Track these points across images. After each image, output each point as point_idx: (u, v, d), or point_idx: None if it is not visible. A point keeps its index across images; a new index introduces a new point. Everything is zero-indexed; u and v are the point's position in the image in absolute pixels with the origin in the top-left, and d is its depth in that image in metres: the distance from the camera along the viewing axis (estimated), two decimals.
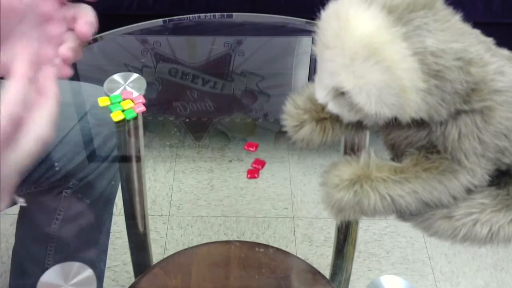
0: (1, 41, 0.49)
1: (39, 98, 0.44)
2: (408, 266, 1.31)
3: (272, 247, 0.87)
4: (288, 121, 0.62)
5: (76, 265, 0.67)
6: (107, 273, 1.15)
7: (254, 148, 1.31)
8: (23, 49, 0.50)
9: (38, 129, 0.43)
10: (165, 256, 1.01)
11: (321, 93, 0.53)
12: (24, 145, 0.42)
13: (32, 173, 0.84)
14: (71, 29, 0.54)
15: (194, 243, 1.10)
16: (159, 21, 1.07)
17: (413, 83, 0.47)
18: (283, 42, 1.35)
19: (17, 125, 0.42)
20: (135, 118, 0.83)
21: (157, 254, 1.26)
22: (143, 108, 0.83)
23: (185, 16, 1.03)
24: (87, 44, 0.60)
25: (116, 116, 0.82)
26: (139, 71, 1.29)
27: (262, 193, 1.44)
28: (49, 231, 0.89)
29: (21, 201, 0.49)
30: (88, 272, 0.66)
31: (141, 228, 1.01)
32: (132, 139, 0.89)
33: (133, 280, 0.85)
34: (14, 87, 0.42)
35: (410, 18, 0.48)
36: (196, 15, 1.03)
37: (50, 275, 0.66)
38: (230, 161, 1.49)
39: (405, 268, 1.31)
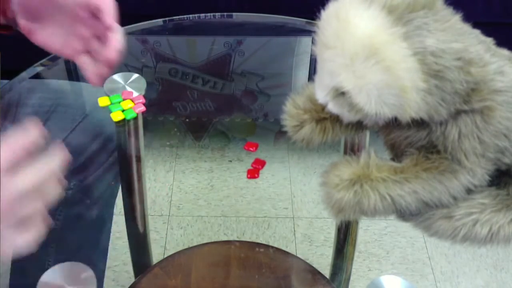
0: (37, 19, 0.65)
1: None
2: (408, 266, 1.31)
3: (272, 247, 0.87)
4: (288, 121, 0.62)
5: (76, 265, 0.67)
6: (107, 273, 1.15)
7: (254, 148, 1.31)
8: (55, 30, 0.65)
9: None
10: (165, 256, 1.01)
11: (321, 93, 0.53)
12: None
13: None
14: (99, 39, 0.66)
15: (194, 243, 1.09)
16: (159, 21, 1.07)
17: (413, 83, 0.47)
18: (283, 42, 1.35)
19: None
20: (135, 118, 0.83)
21: (157, 254, 1.26)
22: (143, 108, 0.83)
23: (185, 16, 1.02)
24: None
25: (116, 116, 0.82)
26: (139, 71, 1.29)
27: (262, 193, 1.44)
28: (50, 231, 0.89)
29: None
30: (88, 272, 0.66)
31: (141, 228, 1.00)
32: (132, 139, 0.89)
33: (133, 280, 0.85)
34: None
35: (410, 18, 0.48)
36: (196, 15, 1.03)
37: (50, 275, 0.66)
38: (230, 161, 1.49)
39: (405, 268, 1.31)
